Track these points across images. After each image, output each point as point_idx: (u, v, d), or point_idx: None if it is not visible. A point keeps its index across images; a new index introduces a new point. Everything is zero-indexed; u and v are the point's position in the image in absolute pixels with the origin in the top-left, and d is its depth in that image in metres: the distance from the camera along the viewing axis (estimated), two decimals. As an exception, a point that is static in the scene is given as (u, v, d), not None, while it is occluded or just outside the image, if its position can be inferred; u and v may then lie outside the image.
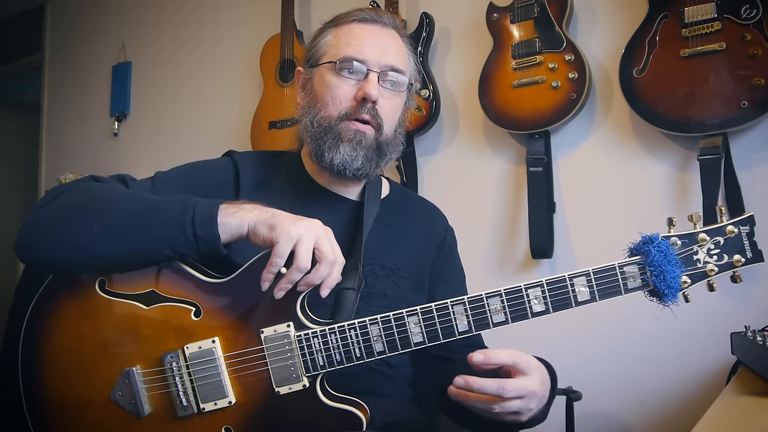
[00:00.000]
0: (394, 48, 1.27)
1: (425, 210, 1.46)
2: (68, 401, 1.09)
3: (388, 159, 1.29)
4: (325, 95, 1.24)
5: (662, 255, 0.99)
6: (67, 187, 1.14)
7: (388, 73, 1.25)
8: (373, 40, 1.25)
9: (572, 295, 1.01)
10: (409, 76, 1.30)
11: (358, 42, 1.24)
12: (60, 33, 4.05)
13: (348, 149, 1.22)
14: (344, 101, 1.23)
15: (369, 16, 1.27)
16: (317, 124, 1.24)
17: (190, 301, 1.09)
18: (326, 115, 1.24)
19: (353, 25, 1.27)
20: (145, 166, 3.29)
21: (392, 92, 1.26)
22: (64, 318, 1.10)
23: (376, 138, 1.25)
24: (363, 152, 1.23)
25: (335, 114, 1.23)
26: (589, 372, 2.05)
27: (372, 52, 1.23)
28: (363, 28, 1.26)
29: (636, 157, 2.08)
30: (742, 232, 1.01)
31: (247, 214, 1.06)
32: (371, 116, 1.23)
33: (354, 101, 1.23)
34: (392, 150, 1.29)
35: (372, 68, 1.23)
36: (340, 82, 1.24)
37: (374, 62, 1.23)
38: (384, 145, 1.26)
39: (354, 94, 1.23)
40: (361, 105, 1.22)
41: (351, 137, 1.22)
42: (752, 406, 1.10)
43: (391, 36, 1.28)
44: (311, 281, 1.03)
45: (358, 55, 1.23)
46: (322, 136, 1.24)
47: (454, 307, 1.04)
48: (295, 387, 1.06)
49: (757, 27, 1.77)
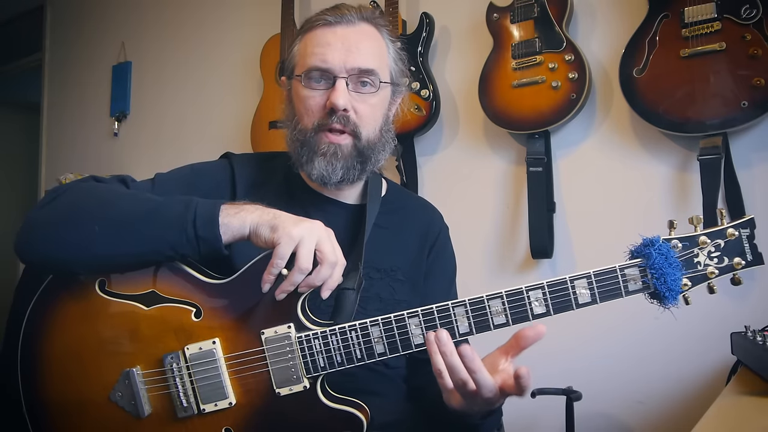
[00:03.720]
0: (362, 47, 1.21)
1: (421, 210, 1.45)
2: (68, 402, 1.09)
3: (375, 161, 1.26)
4: (300, 108, 1.23)
5: (663, 258, 0.99)
6: (68, 188, 1.14)
7: (356, 75, 1.20)
8: (338, 44, 1.19)
9: (573, 297, 1.01)
10: (390, 70, 1.26)
11: (321, 49, 1.19)
12: (60, 33, 4.05)
13: (323, 164, 1.20)
14: (316, 112, 1.21)
15: (333, 17, 1.21)
16: (296, 137, 1.23)
17: (190, 301, 1.08)
18: (302, 128, 1.22)
19: (317, 31, 1.22)
20: (145, 166, 3.30)
21: (367, 94, 1.22)
22: (64, 318, 1.10)
23: (354, 145, 1.22)
24: (341, 163, 1.21)
25: (309, 126, 1.21)
26: (589, 372, 2.05)
27: (336, 58, 1.18)
28: (327, 32, 1.21)
29: (636, 157, 2.08)
30: (743, 235, 1.01)
31: (249, 215, 1.05)
32: (343, 125, 1.20)
33: (324, 111, 1.20)
34: (378, 151, 1.26)
35: (338, 74, 1.18)
36: (311, 93, 1.21)
37: (340, 68, 1.18)
38: (366, 149, 1.23)
39: (324, 104, 1.20)
40: (330, 114, 1.20)
41: (325, 150, 1.20)
42: (752, 406, 1.11)
43: (359, 32, 1.22)
44: (312, 283, 1.03)
45: (322, 64, 1.19)
46: (299, 149, 1.22)
47: (455, 308, 1.03)
48: (295, 388, 1.06)
49: (757, 27, 1.77)
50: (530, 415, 2.13)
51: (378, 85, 1.23)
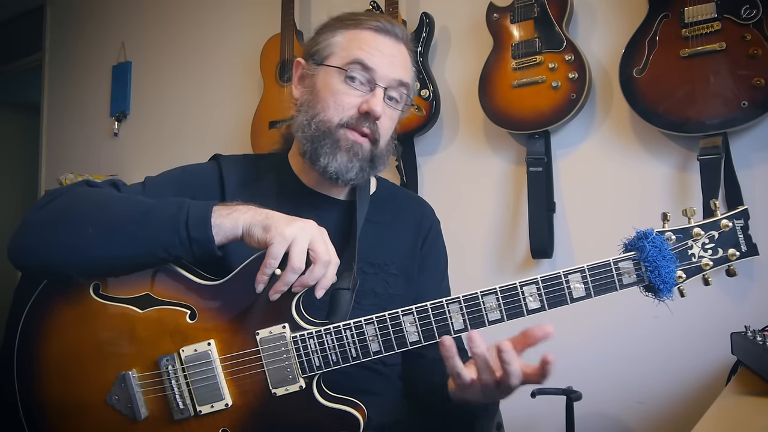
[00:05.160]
0: (402, 63, 1.25)
1: (412, 203, 1.45)
2: (64, 405, 1.09)
3: (378, 170, 1.29)
4: (328, 98, 1.22)
5: (657, 250, 0.99)
6: (61, 192, 1.14)
7: (393, 88, 1.24)
8: (385, 53, 1.22)
9: (567, 291, 1.01)
10: (410, 90, 1.29)
11: (371, 51, 1.21)
12: (60, 33, 4.06)
13: (345, 159, 1.21)
14: (347, 110, 1.21)
15: (384, 26, 1.24)
16: (315, 126, 1.22)
17: (185, 303, 1.08)
18: (326, 119, 1.22)
19: (367, 33, 1.23)
20: (145, 166, 3.30)
21: (392, 108, 1.26)
22: (59, 322, 1.10)
23: (371, 151, 1.24)
24: (359, 164, 1.22)
25: (336, 120, 1.21)
26: (589, 372, 2.05)
27: (382, 66, 1.21)
28: (376, 39, 1.23)
29: (636, 157, 2.08)
30: (737, 226, 1.01)
31: (241, 216, 1.05)
32: (371, 131, 1.22)
33: (357, 112, 1.21)
34: (383, 162, 1.29)
35: (379, 82, 1.21)
36: (347, 90, 1.21)
37: (383, 76, 1.21)
38: (377, 157, 1.25)
39: (358, 105, 1.21)
40: (363, 118, 1.21)
41: (349, 147, 1.21)
42: (752, 406, 1.10)
43: (401, 51, 1.26)
44: (306, 282, 1.03)
45: (368, 62, 1.20)
46: (320, 139, 1.22)
47: (450, 305, 1.03)
48: (291, 388, 1.05)
49: (757, 27, 1.76)
50: (530, 415, 2.12)
51: (402, 101, 1.27)
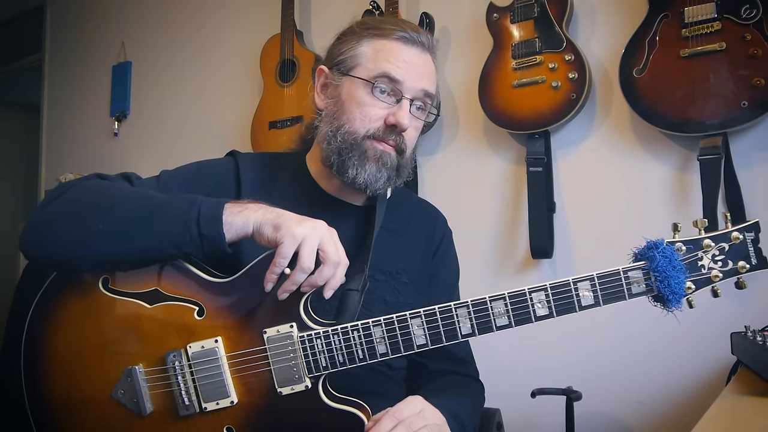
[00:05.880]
0: (428, 73, 1.25)
1: (425, 212, 1.45)
2: (70, 399, 1.10)
3: (402, 179, 1.29)
4: (354, 110, 1.22)
5: (667, 260, 0.98)
6: (73, 185, 1.14)
7: (419, 99, 1.24)
8: (412, 64, 1.22)
9: (576, 299, 1.01)
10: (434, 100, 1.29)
11: (396, 62, 1.21)
12: (60, 33, 4.05)
13: (374, 169, 1.21)
14: (373, 122, 1.21)
15: (410, 36, 1.23)
16: (341, 138, 1.22)
17: (193, 300, 1.09)
18: (352, 130, 1.22)
19: (394, 44, 1.22)
20: (145, 166, 3.29)
21: (417, 119, 1.26)
22: (67, 316, 1.10)
23: (397, 160, 1.24)
24: (386, 173, 1.22)
25: (362, 132, 1.21)
26: (589, 372, 2.05)
27: (409, 78, 1.21)
28: (403, 50, 1.22)
29: (636, 157, 2.09)
30: (747, 239, 1.01)
31: (252, 214, 1.06)
32: (397, 143, 1.22)
33: (384, 124, 1.21)
34: (408, 168, 1.29)
35: (406, 94, 1.21)
36: (373, 102, 1.21)
37: (410, 88, 1.21)
38: (402, 167, 1.26)
39: (385, 117, 1.21)
40: (389, 130, 1.21)
41: (378, 157, 1.21)
42: (752, 406, 1.10)
43: (428, 61, 1.25)
44: (315, 282, 1.03)
45: (396, 75, 1.20)
46: (347, 152, 1.21)
47: (458, 310, 1.03)
48: (297, 388, 1.06)
49: (757, 27, 1.77)
50: (530, 415, 2.13)
51: (427, 110, 1.27)
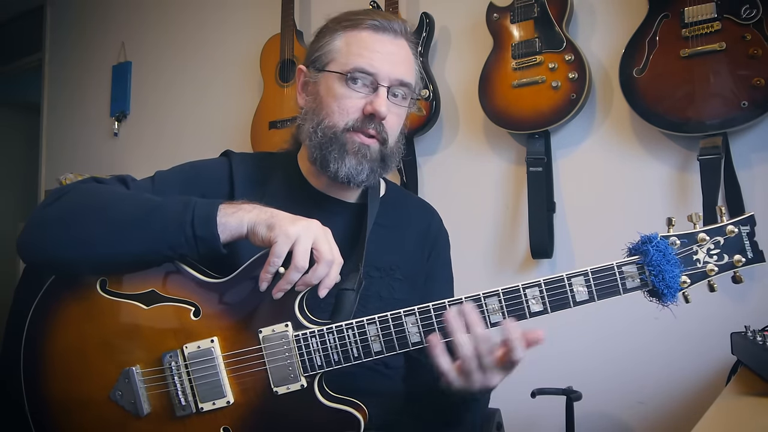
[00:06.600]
0: (403, 59, 1.24)
1: (420, 210, 1.45)
2: (69, 400, 1.10)
3: (390, 168, 1.28)
4: (332, 104, 1.22)
5: (661, 255, 0.98)
6: (69, 189, 1.15)
7: (396, 86, 1.23)
8: (385, 52, 1.21)
9: (570, 295, 1.01)
10: (415, 86, 1.28)
11: (369, 54, 1.20)
12: (60, 33, 4.05)
13: (354, 162, 1.21)
14: (351, 113, 1.21)
15: (381, 23, 1.22)
16: (321, 132, 1.22)
17: (189, 300, 1.09)
18: (331, 125, 1.22)
19: (364, 33, 1.22)
20: (145, 166, 3.29)
21: (398, 105, 1.25)
22: (66, 317, 1.11)
23: (380, 151, 1.23)
24: (368, 165, 1.22)
25: (341, 125, 1.21)
26: (589, 372, 2.05)
27: (383, 66, 1.20)
28: (374, 38, 1.22)
29: (636, 157, 2.08)
30: (743, 232, 1.01)
31: (246, 214, 1.06)
32: (377, 131, 1.22)
33: (361, 114, 1.21)
34: (395, 157, 1.28)
35: (382, 82, 1.20)
36: (350, 93, 1.21)
37: (384, 76, 1.20)
38: (387, 156, 1.25)
39: (362, 107, 1.20)
40: (368, 119, 1.20)
41: (356, 150, 1.21)
42: (752, 406, 1.10)
43: (401, 46, 1.25)
44: (309, 281, 1.03)
45: (369, 68, 1.19)
46: (327, 146, 1.21)
47: (452, 307, 1.03)
48: (293, 387, 1.06)
49: (757, 27, 1.77)
50: (530, 415, 2.12)
51: (408, 97, 1.26)
